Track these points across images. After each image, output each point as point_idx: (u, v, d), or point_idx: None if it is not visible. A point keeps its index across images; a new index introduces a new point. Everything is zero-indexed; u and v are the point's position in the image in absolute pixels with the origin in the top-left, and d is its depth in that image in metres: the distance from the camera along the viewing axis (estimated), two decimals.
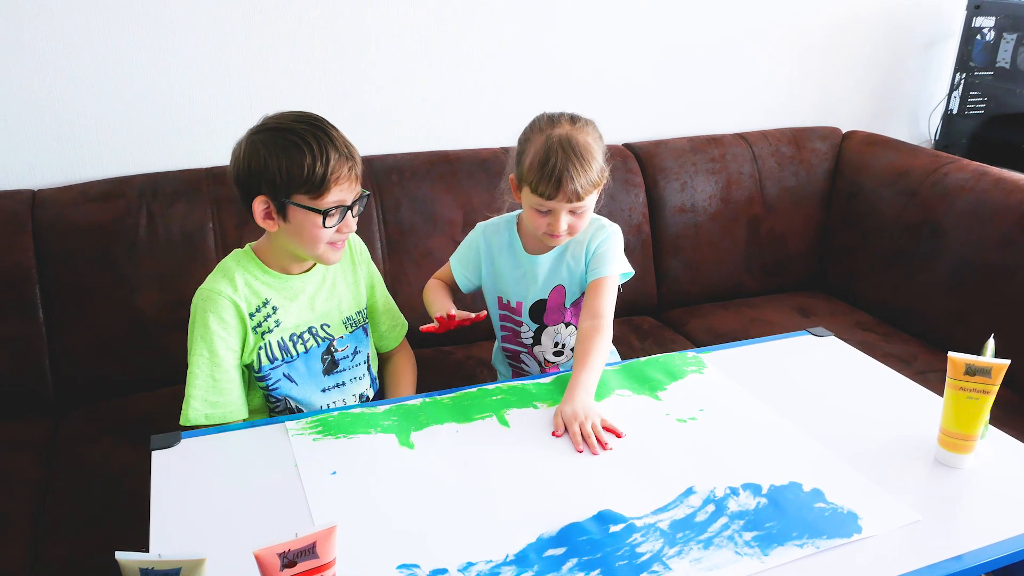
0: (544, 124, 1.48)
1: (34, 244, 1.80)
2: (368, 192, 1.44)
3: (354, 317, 1.55)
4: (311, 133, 1.34)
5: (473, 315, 1.46)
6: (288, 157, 1.32)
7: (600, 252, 1.56)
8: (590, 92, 2.41)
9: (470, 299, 1.84)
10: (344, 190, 1.37)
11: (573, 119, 1.49)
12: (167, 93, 1.98)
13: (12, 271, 1.78)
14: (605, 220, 1.61)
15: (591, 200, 1.48)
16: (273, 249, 1.45)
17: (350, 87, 2.15)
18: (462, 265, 1.66)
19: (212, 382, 1.38)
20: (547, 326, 1.62)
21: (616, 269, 1.55)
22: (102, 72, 1.91)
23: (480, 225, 1.66)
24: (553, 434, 1.27)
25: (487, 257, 1.63)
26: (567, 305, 1.61)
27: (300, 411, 1.46)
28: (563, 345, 1.64)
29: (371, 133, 2.20)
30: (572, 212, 1.47)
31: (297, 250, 1.42)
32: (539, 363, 1.66)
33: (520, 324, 1.63)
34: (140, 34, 1.92)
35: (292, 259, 1.45)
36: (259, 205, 1.37)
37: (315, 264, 1.49)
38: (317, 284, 1.50)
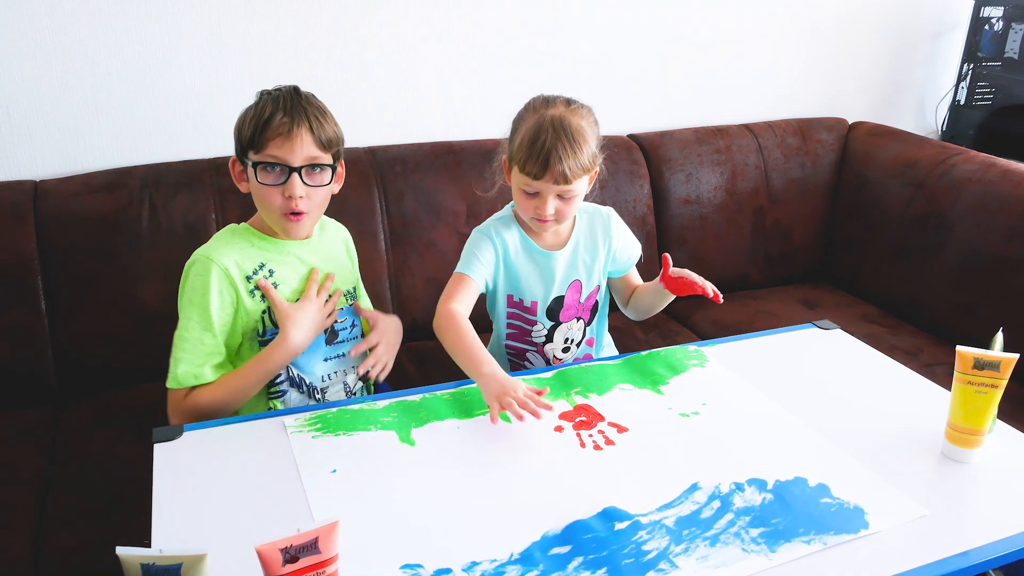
0: (539, 104, 1.45)
1: (36, 235, 1.79)
2: (331, 164, 1.42)
3: (350, 291, 1.57)
4: (269, 94, 1.39)
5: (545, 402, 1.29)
6: (243, 116, 1.39)
7: (624, 239, 1.61)
8: (595, 83, 2.39)
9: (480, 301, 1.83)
10: (283, 148, 1.36)
11: (569, 102, 1.46)
12: (169, 83, 1.97)
13: (14, 262, 1.77)
14: (596, 206, 1.60)
15: (580, 186, 1.43)
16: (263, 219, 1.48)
17: (354, 77, 2.13)
18: (483, 268, 1.51)
19: (201, 345, 1.38)
20: (561, 323, 1.60)
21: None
22: (104, 63, 1.90)
23: (481, 229, 1.55)
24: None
25: (504, 258, 1.55)
26: (581, 300, 1.60)
27: (301, 380, 1.46)
28: (571, 341, 1.62)
29: (375, 123, 2.19)
30: (560, 196, 1.43)
31: (263, 215, 1.45)
32: (547, 361, 1.63)
33: (533, 323, 1.59)
34: (142, 24, 1.90)
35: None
36: (233, 166, 1.44)
37: (308, 237, 1.50)
38: (315, 254, 1.50)
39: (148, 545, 0.99)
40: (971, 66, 2.80)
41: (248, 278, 1.41)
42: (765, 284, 2.52)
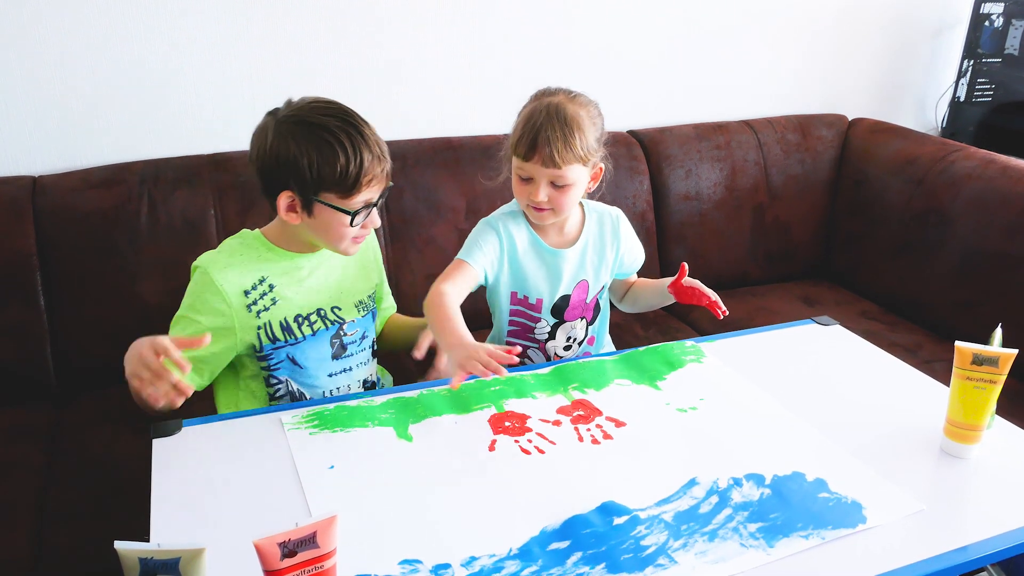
0: (541, 93, 1.47)
1: (35, 231, 1.79)
2: (392, 183, 1.41)
3: (366, 301, 1.53)
4: (344, 131, 1.30)
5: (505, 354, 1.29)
6: (320, 155, 1.29)
7: (632, 243, 1.62)
8: (595, 79, 2.39)
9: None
10: (373, 190, 1.34)
11: (571, 93, 1.46)
12: (168, 79, 1.97)
13: (13, 258, 1.78)
14: (604, 206, 1.60)
15: (573, 174, 1.41)
16: (285, 234, 1.42)
17: (353, 72, 2.13)
18: (484, 257, 1.50)
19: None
20: (565, 321, 1.59)
21: None
22: (103, 58, 1.90)
23: (491, 221, 1.53)
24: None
25: (510, 253, 1.53)
26: (588, 300, 1.59)
27: (301, 395, 1.45)
28: (574, 339, 1.61)
29: (374, 119, 2.14)
30: (553, 184, 1.42)
31: (317, 242, 1.41)
32: (547, 357, 1.62)
33: (537, 320, 1.58)
34: (142, 19, 1.90)
35: (305, 245, 1.43)
36: (284, 199, 1.33)
37: None
38: (328, 266, 1.46)
39: (147, 540, 0.99)
40: (971, 62, 2.79)
41: (246, 293, 1.37)
42: (764, 281, 2.52)
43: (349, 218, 1.33)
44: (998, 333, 1.23)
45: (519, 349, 1.24)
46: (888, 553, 1.01)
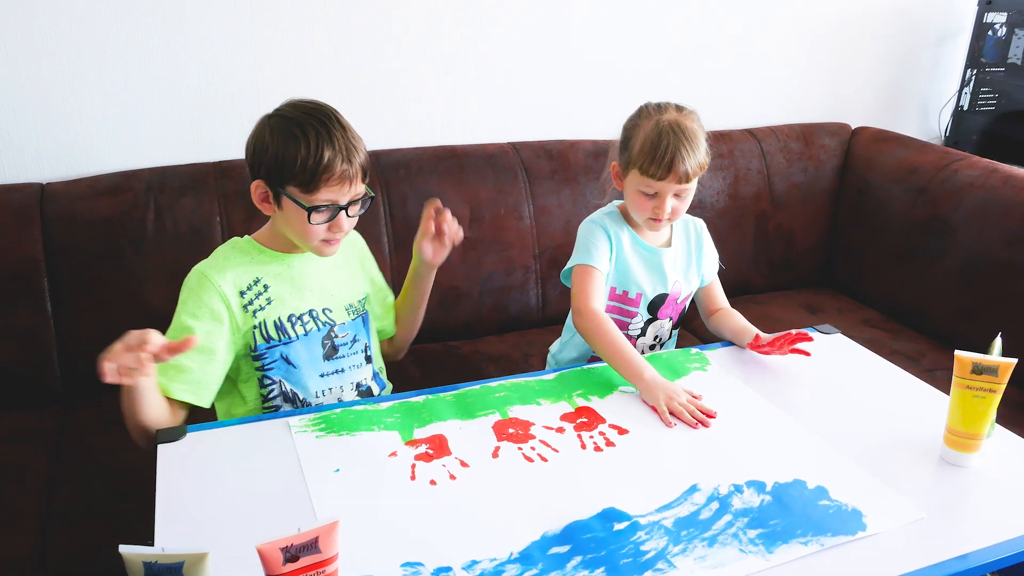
0: (652, 111, 1.53)
1: (43, 237, 1.81)
2: (372, 195, 1.43)
3: (355, 305, 1.54)
4: (312, 126, 1.33)
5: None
6: (284, 146, 1.33)
7: (712, 252, 1.69)
8: (598, 87, 2.40)
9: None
10: (335, 191, 1.34)
11: (678, 107, 1.54)
12: (175, 86, 1.98)
13: (21, 264, 1.79)
14: (687, 215, 1.64)
15: (694, 185, 1.52)
16: (275, 234, 1.45)
17: (359, 81, 2.14)
18: (604, 256, 1.56)
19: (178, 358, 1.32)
20: (657, 319, 1.64)
21: None
22: (110, 65, 1.92)
23: (594, 221, 1.61)
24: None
25: (617, 251, 1.59)
26: (678, 301, 1.65)
27: (295, 395, 1.45)
28: (659, 339, 1.67)
29: (379, 127, 2.20)
30: (676, 196, 1.50)
31: (293, 238, 1.43)
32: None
33: (633, 316, 1.62)
34: (148, 27, 1.92)
35: (292, 244, 1.45)
36: (257, 188, 1.39)
37: None
38: (318, 267, 1.48)
39: (151, 544, 1.00)
40: (974, 72, 2.80)
41: (242, 293, 1.40)
42: (767, 289, 2.52)
43: (307, 214, 1.34)
44: (998, 342, 1.24)
45: (715, 413, 1.33)
46: (888, 561, 1.02)
